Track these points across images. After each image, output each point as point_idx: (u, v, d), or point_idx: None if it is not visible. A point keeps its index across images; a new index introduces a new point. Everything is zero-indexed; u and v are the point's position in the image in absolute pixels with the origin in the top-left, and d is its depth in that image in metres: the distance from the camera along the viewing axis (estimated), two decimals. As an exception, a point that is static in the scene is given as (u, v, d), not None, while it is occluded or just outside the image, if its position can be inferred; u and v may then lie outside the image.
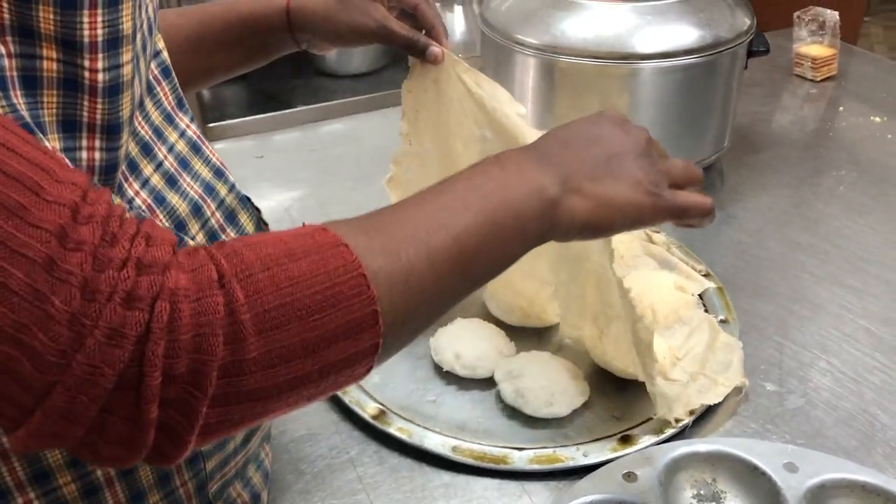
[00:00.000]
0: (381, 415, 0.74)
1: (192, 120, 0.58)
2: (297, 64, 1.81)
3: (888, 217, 1.02)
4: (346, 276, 0.42)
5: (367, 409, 0.74)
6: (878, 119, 1.25)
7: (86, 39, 0.42)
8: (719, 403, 0.75)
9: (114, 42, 0.43)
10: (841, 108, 1.29)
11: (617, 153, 0.55)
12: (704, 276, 0.90)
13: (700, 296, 0.88)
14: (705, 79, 1.02)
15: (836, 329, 0.85)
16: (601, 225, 0.54)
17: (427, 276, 0.46)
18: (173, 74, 0.57)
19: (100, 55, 0.43)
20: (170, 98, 0.56)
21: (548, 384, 0.74)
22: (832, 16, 1.36)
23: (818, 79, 1.37)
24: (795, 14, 1.37)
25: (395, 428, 0.73)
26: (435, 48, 0.73)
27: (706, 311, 0.86)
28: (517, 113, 0.72)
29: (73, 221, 0.37)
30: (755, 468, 0.66)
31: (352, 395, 0.76)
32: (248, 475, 0.63)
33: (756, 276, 0.93)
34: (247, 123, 1.48)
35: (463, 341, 0.79)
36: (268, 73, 1.80)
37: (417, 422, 0.74)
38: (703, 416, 0.74)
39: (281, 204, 1.11)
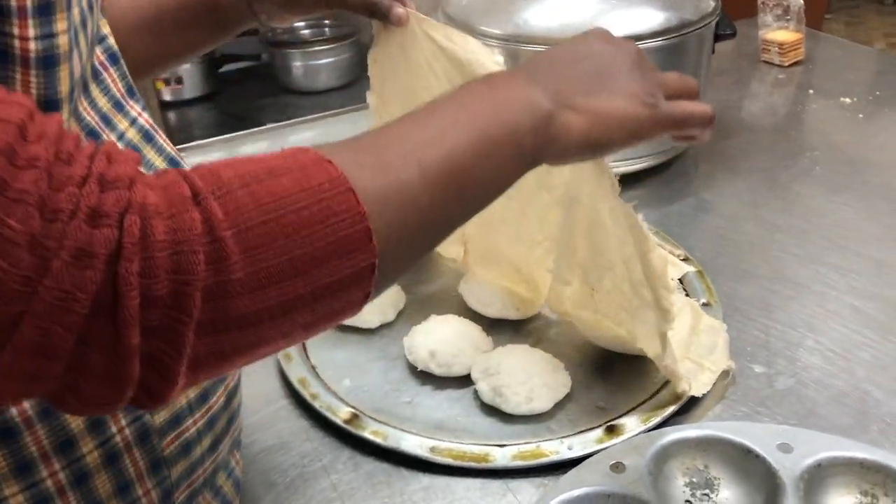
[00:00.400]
0: (353, 419, 0.70)
1: (144, 109, 0.55)
2: (264, 82, 1.79)
3: (864, 195, 1.01)
4: (332, 191, 0.38)
5: (340, 414, 0.71)
6: (847, 100, 1.23)
7: (13, 3, 0.38)
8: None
9: (45, 8, 0.40)
10: (811, 91, 1.28)
11: (608, 67, 0.53)
12: (683, 260, 0.87)
13: (680, 280, 0.85)
14: (673, 63, 1.00)
15: (820, 307, 0.82)
16: (600, 140, 0.52)
17: (421, 193, 0.43)
18: (122, 62, 0.54)
19: (30, 21, 0.39)
20: (119, 85, 0.53)
21: (526, 379, 0.71)
22: (796, 0, 1.35)
23: (786, 64, 1.35)
24: (760, 0, 1.36)
25: (370, 431, 0.69)
26: (398, 9, 0.70)
27: (687, 295, 0.83)
28: (494, 62, 0.69)
29: (22, 139, 0.33)
30: (748, 451, 0.63)
31: (322, 400, 0.72)
32: (217, 484, 0.59)
33: (735, 259, 0.90)
34: (216, 143, 1.45)
35: (438, 339, 0.76)
36: (235, 93, 1.76)
37: (393, 424, 0.70)
38: (691, 402, 0.71)
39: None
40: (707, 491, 0.63)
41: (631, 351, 0.74)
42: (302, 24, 2.54)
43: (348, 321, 0.82)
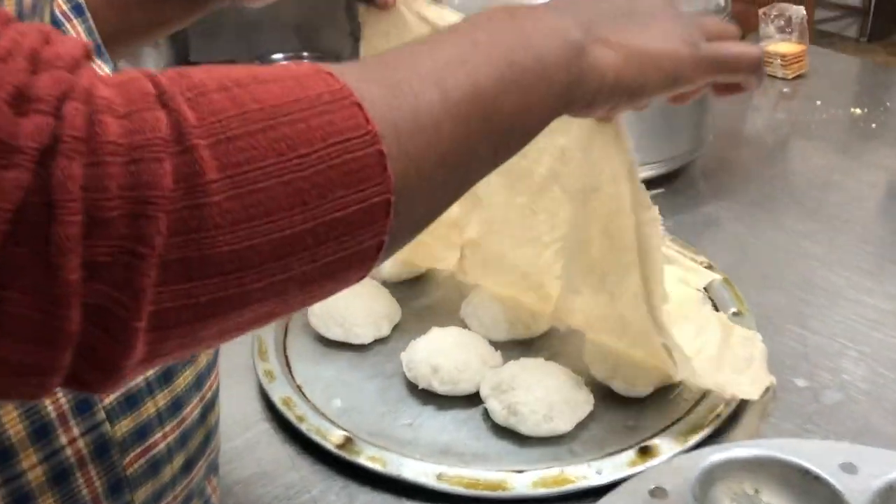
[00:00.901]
0: (347, 443, 0.61)
1: (114, 69, 0.47)
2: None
3: (890, 199, 0.94)
4: (335, 104, 0.30)
5: (331, 438, 0.61)
6: (858, 111, 1.18)
7: None
8: (745, 405, 0.64)
9: None
10: (819, 102, 1.22)
11: (640, 4, 0.47)
12: (707, 268, 0.79)
13: (704, 289, 0.77)
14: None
15: (858, 315, 0.74)
16: (635, 80, 0.44)
17: (442, 116, 0.34)
18: (88, 15, 0.46)
19: None
20: (83, 39, 0.45)
21: (544, 395, 0.62)
22: (798, 11, 1.30)
23: (789, 76, 1.30)
24: (761, 10, 1.31)
25: (366, 457, 0.60)
26: None
27: (715, 307, 0.75)
28: None
29: None
30: (806, 472, 0.54)
31: (310, 423, 0.63)
32: None
33: (760, 267, 0.83)
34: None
35: (440, 352, 0.67)
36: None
37: (392, 448, 0.61)
38: (730, 421, 0.63)
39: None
40: (760, 519, 0.55)
41: (655, 383, 0.66)
42: (280, 54, 2.50)
43: (337, 335, 0.75)
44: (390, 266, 0.81)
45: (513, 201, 0.69)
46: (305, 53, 2.52)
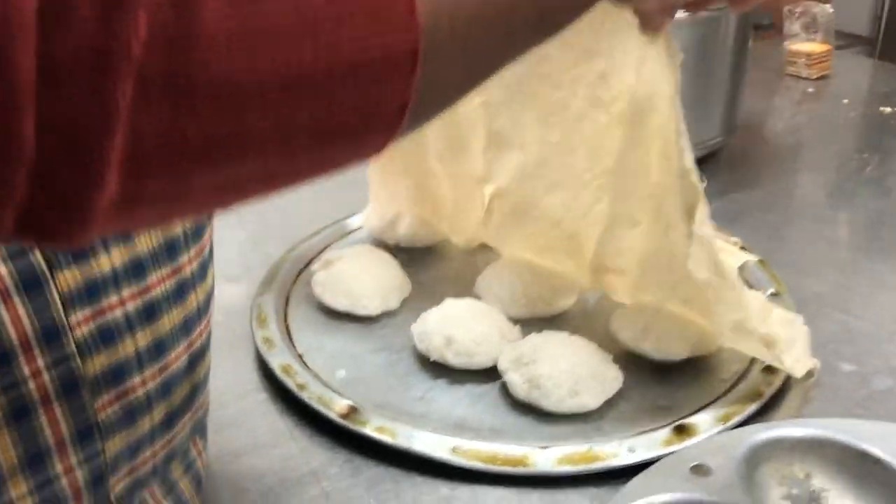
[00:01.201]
0: (352, 412, 0.55)
1: None
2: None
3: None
4: None
5: (334, 407, 0.56)
6: (888, 109, 1.13)
7: None
8: (788, 387, 0.59)
9: None
10: (846, 101, 1.18)
11: None
12: (740, 249, 0.74)
13: (739, 272, 0.72)
14: (707, 47, 0.89)
15: (906, 303, 0.69)
16: None
17: None
18: None
19: None
20: None
21: (570, 368, 0.56)
22: (824, 10, 1.26)
23: (813, 76, 1.26)
24: (786, 8, 1.28)
25: (373, 428, 0.54)
26: None
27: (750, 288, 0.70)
28: None
29: None
30: (865, 455, 0.49)
31: (312, 391, 0.57)
32: (171, 478, 0.44)
33: (797, 253, 0.78)
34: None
35: (455, 323, 0.61)
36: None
37: (402, 420, 0.55)
38: (770, 404, 0.57)
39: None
40: (812, 505, 0.49)
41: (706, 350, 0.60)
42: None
43: (343, 306, 0.70)
44: (406, 227, 0.76)
45: (547, 139, 0.63)
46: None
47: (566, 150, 0.63)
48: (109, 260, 0.37)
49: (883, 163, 0.97)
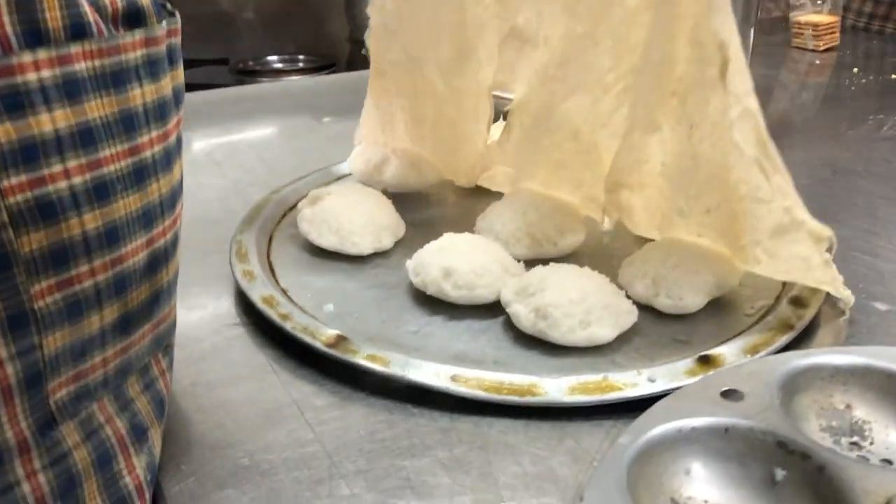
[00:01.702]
0: (340, 341, 0.50)
1: None
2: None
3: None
4: None
5: (320, 336, 0.50)
6: (898, 77, 1.10)
7: None
8: (817, 323, 0.54)
9: None
10: (855, 70, 1.14)
11: None
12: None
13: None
14: None
15: (936, 247, 0.64)
16: None
17: None
18: None
19: None
20: None
21: (580, 298, 0.51)
22: (832, -21, 1.23)
23: (820, 48, 1.22)
24: (792, -23, 1.24)
25: (364, 356, 0.48)
26: None
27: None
28: None
29: None
30: (913, 381, 0.44)
31: (296, 321, 0.52)
32: (127, 394, 0.38)
33: (818, 203, 0.70)
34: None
35: (454, 254, 0.56)
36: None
37: (396, 351, 0.50)
38: (801, 339, 0.52)
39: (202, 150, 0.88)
40: (856, 439, 0.44)
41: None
42: (275, 56, 2.42)
43: (331, 244, 0.64)
44: (393, 170, 0.71)
45: (572, 32, 0.58)
46: (301, 56, 2.46)
47: (590, 45, 0.57)
48: (51, 119, 0.31)
49: (899, 123, 0.93)
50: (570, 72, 0.59)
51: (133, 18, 0.35)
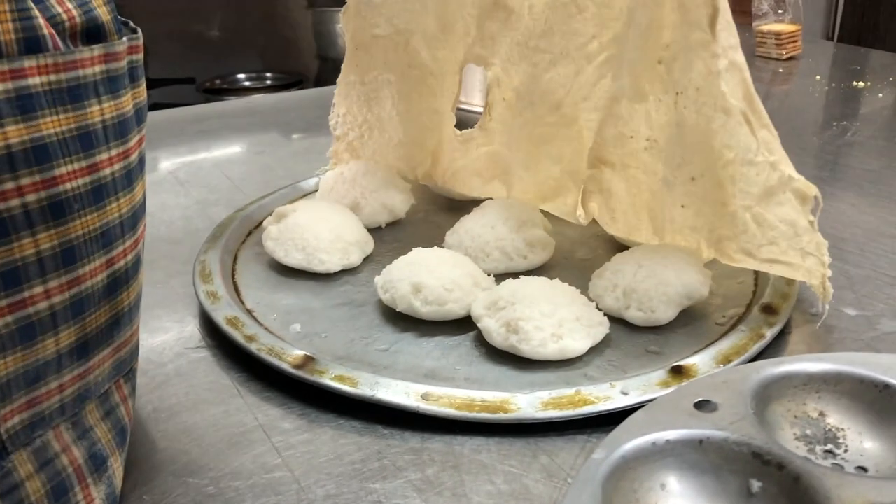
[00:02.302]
0: (308, 362, 0.48)
1: None
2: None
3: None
4: None
5: (287, 358, 0.49)
6: (861, 84, 1.11)
7: None
8: (789, 330, 0.53)
9: None
10: (818, 77, 1.15)
11: None
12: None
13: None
14: None
15: (903, 253, 0.65)
16: None
17: None
18: None
19: None
20: None
21: (552, 311, 0.51)
22: (792, -11, 1.24)
23: (783, 56, 1.23)
24: (754, -13, 1.25)
25: (332, 377, 0.47)
26: None
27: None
28: None
29: None
30: (886, 387, 0.43)
31: (261, 343, 0.50)
32: (85, 422, 0.36)
33: (783, 209, 0.73)
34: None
35: (423, 269, 0.55)
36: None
37: (365, 370, 0.49)
38: (773, 347, 0.52)
39: (166, 169, 0.86)
40: (830, 447, 0.43)
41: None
42: (243, 74, 2.40)
43: (297, 262, 0.61)
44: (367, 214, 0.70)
45: (557, 0, 0.58)
46: (269, 73, 2.44)
47: (575, 12, 0.57)
48: (2, 134, 0.30)
49: (863, 128, 0.93)
50: (553, 41, 0.59)
51: (92, 34, 0.34)
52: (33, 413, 0.33)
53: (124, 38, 0.36)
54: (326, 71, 2.31)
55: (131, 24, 0.38)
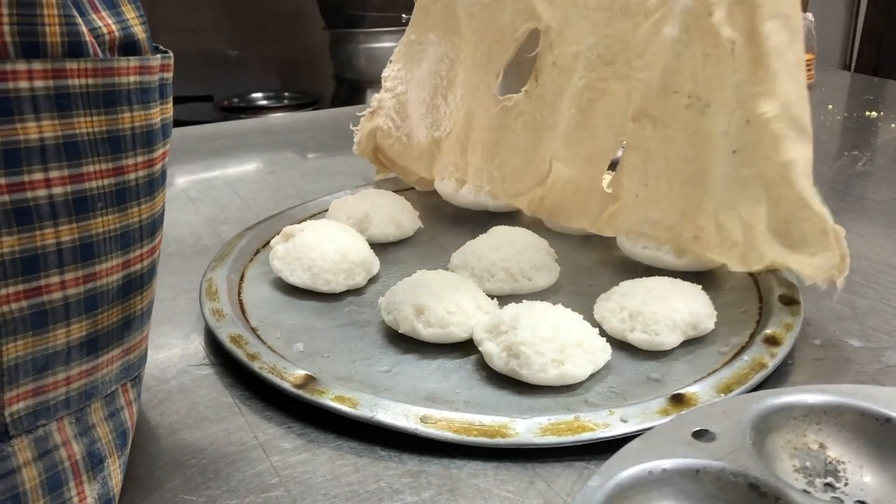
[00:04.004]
0: (309, 382, 0.49)
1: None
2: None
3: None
4: None
5: (288, 377, 0.49)
6: (874, 114, 1.11)
7: None
8: (791, 361, 0.53)
9: None
10: (830, 107, 1.15)
11: None
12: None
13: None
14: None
15: (911, 284, 0.64)
16: None
17: None
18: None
19: None
20: None
21: (553, 336, 0.51)
22: (805, 18, 1.24)
23: (797, 85, 1.23)
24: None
25: (332, 397, 0.47)
26: None
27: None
28: None
29: None
30: (887, 420, 0.43)
31: (264, 361, 0.51)
32: (89, 419, 0.37)
33: (791, 238, 0.73)
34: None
35: (426, 292, 0.55)
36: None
37: (366, 391, 0.49)
38: (775, 377, 0.51)
39: (178, 186, 0.87)
40: (830, 480, 0.43)
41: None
42: (260, 93, 2.43)
43: (303, 281, 0.62)
44: (376, 227, 0.70)
45: None
46: (286, 93, 2.47)
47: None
48: (38, 127, 0.32)
49: (874, 159, 0.93)
50: None
51: (128, 49, 0.36)
52: (38, 401, 0.34)
53: (158, 55, 0.37)
54: (343, 91, 2.33)
55: (161, 47, 0.39)
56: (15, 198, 0.31)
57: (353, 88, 2.25)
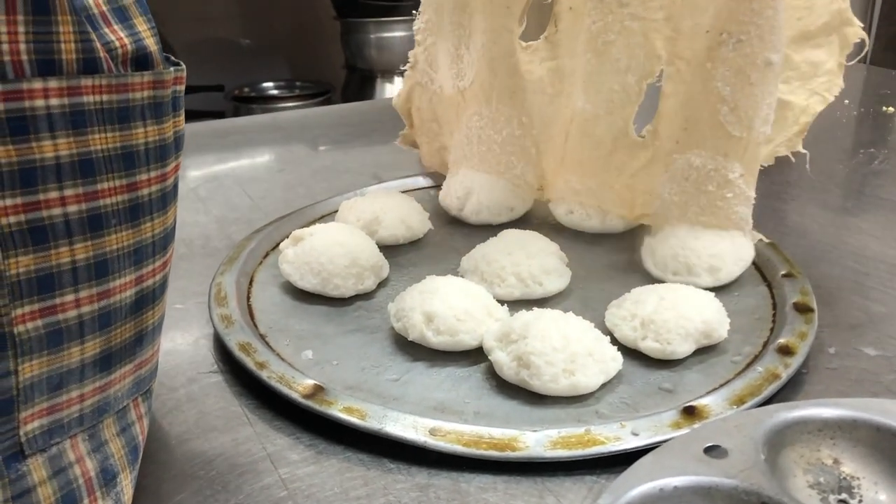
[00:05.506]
0: (318, 392, 0.48)
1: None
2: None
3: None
4: None
5: (297, 387, 0.49)
6: (891, 109, 1.09)
7: None
8: (805, 371, 0.53)
9: None
10: (846, 101, 1.14)
11: None
12: (747, 232, 0.68)
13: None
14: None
15: (928, 289, 0.63)
16: None
17: None
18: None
19: None
20: None
21: (564, 346, 0.50)
22: (822, 11, 1.22)
23: (812, 79, 1.21)
24: (783, 8, 1.24)
25: (341, 408, 0.47)
26: None
27: (760, 271, 0.64)
28: None
29: None
30: (903, 436, 0.42)
31: (273, 370, 0.51)
32: (102, 435, 0.37)
33: (807, 240, 0.72)
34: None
35: (436, 299, 0.55)
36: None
37: (374, 401, 0.49)
38: (788, 388, 0.51)
39: (186, 184, 0.87)
40: (845, 496, 0.42)
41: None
42: (270, 82, 2.42)
43: (312, 286, 0.62)
44: (386, 228, 0.70)
45: None
46: (297, 82, 2.46)
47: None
48: (54, 146, 0.31)
49: (891, 156, 0.92)
50: None
51: (141, 62, 0.36)
52: (53, 420, 0.34)
53: (171, 69, 0.37)
54: (354, 80, 2.32)
55: (173, 58, 0.39)
56: (30, 217, 0.31)
57: (364, 78, 2.24)
